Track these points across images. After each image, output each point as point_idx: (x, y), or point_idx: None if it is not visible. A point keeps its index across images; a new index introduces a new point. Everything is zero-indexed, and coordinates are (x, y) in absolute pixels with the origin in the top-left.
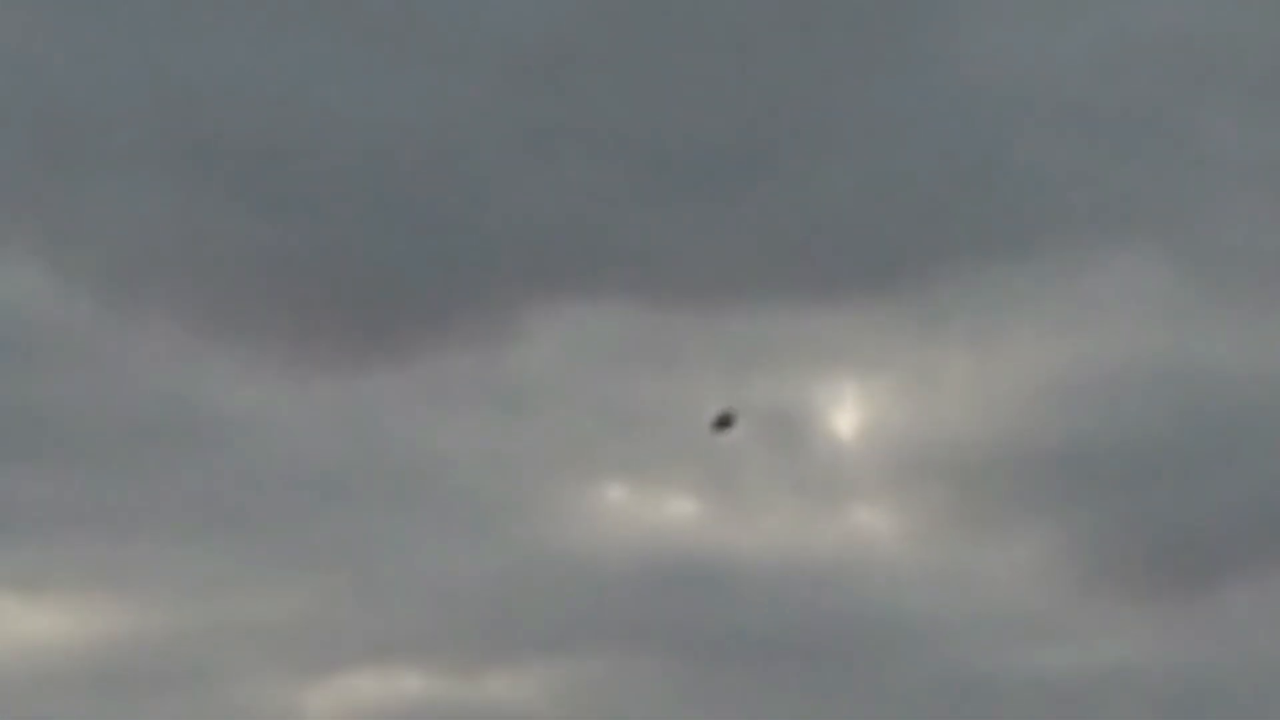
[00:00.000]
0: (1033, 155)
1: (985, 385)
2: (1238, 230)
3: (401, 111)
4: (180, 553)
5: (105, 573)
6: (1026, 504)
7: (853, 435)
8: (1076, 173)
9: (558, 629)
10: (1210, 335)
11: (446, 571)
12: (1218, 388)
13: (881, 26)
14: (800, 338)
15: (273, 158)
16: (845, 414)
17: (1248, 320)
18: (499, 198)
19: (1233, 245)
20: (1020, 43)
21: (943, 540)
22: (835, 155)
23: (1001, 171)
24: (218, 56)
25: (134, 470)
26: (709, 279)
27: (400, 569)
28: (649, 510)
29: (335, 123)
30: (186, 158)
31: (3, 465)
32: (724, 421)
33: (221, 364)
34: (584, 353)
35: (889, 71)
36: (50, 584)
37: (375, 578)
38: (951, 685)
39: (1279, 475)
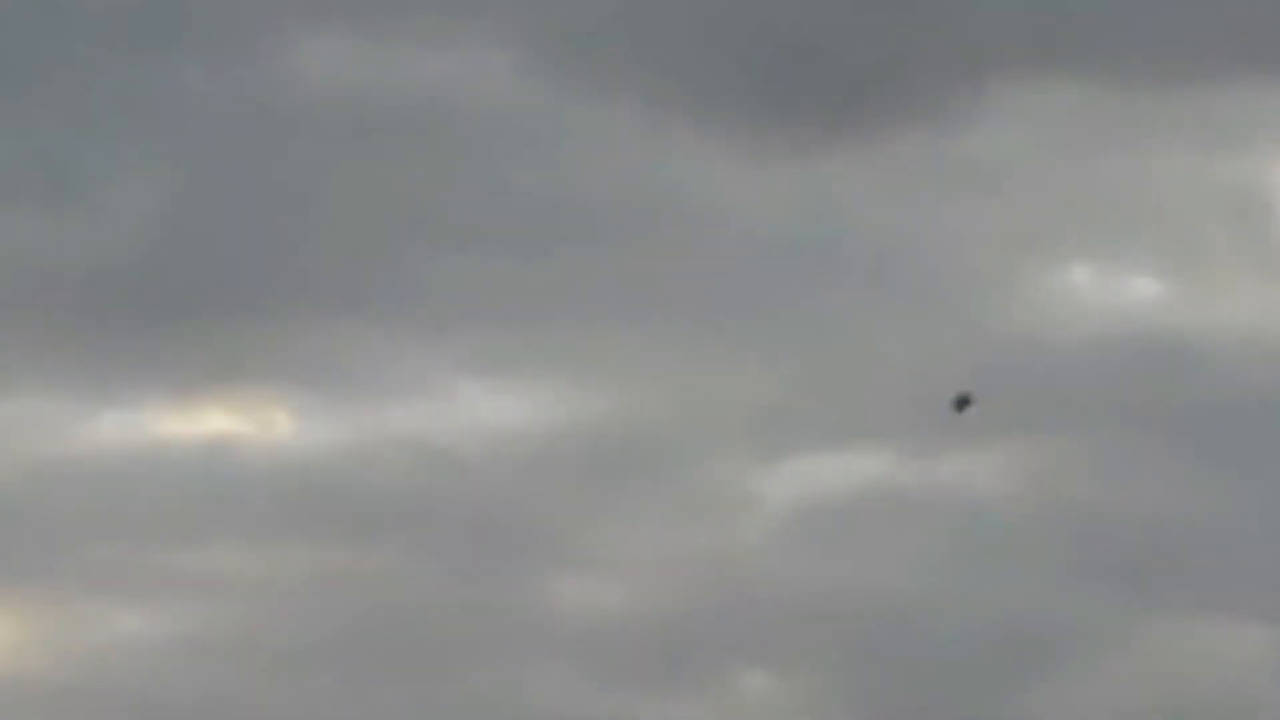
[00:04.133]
0: None
1: None
2: None
3: None
4: (641, 336)
5: (568, 358)
6: None
7: None
8: None
9: (1021, 409)
10: None
11: (908, 353)
12: None
13: None
14: (1264, 115)
15: None
16: None
17: None
18: None
19: None
20: None
21: None
22: None
23: None
24: None
25: (594, 253)
26: (1168, 57)
27: (859, 350)
28: (1111, 291)
29: None
30: None
31: (461, 251)
32: (963, 402)
33: (683, 148)
34: (1044, 133)
35: None
36: (514, 369)
37: (834, 359)
38: None
39: None
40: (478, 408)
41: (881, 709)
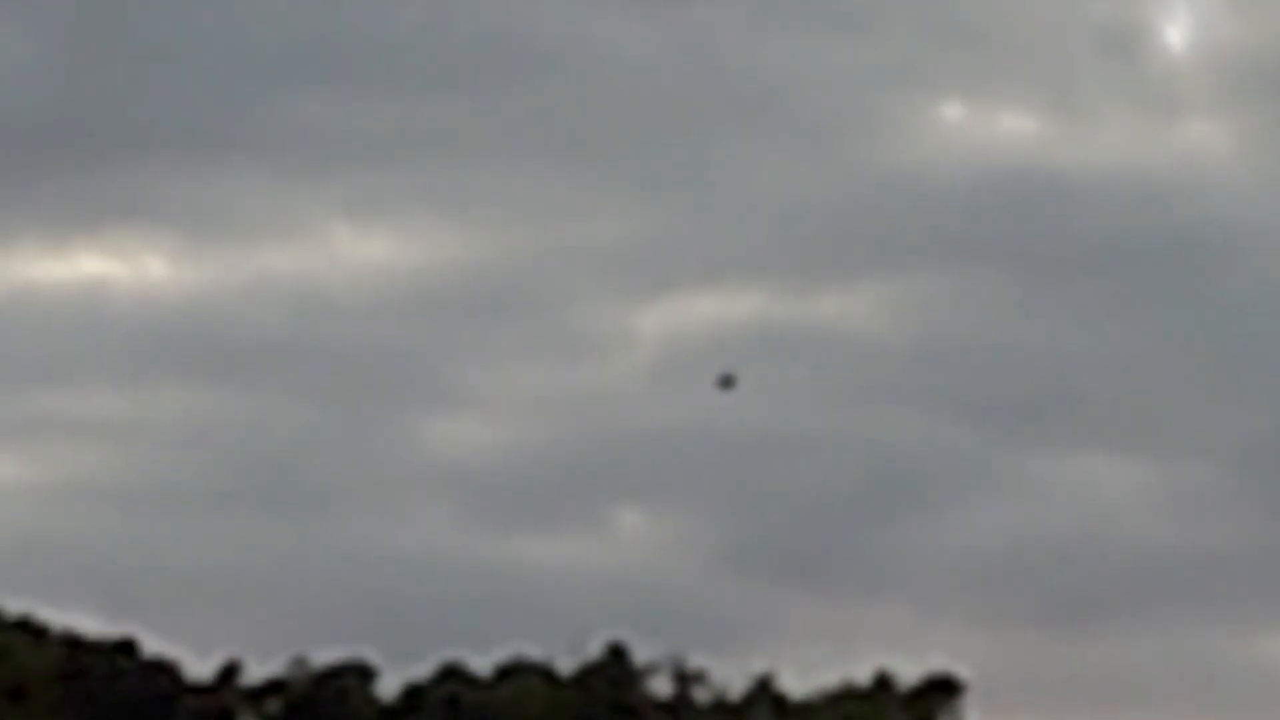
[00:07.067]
0: None
1: None
2: None
3: None
4: (515, 177)
5: (439, 198)
6: None
7: (1187, 48)
8: None
9: (893, 247)
10: None
11: (782, 192)
12: None
13: None
14: None
15: None
16: (1179, 27)
17: None
18: None
19: None
20: None
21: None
22: None
23: None
24: None
25: (470, 96)
26: None
27: (735, 190)
28: (983, 128)
29: None
30: None
31: (335, 93)
32: (726, 382)
33: None
34: None
35: None
36: (383, 210)
37: (710, 199)
38: None
39: None
40: (350, 250)
41: (755, 545)
